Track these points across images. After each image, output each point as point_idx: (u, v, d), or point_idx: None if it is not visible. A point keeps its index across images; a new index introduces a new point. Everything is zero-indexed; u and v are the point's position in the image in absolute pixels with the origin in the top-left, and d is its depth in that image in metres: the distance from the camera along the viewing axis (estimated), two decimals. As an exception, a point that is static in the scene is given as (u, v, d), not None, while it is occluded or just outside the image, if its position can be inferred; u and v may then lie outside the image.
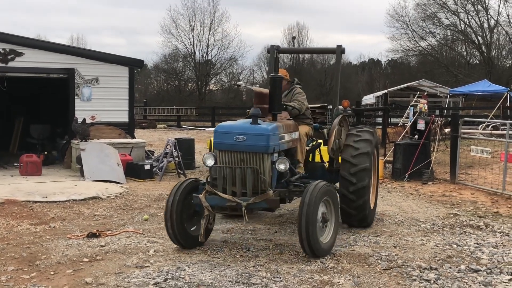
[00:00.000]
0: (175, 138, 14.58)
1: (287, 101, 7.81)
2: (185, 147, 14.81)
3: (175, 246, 6.83)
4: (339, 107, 8.24)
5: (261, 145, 6.33)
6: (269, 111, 6.87)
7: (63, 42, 50.67)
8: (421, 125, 13.81)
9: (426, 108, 16.35)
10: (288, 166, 6.48)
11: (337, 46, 8.30)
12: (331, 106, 9.00)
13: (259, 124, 6.46)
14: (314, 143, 8.62)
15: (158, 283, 5.39)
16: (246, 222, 6.47)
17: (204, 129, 32.81)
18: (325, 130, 8.28)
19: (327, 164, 8.74)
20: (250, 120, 6.55)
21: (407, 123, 17.63)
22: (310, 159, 8.55)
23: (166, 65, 53.99)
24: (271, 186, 6.37)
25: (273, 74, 7.04)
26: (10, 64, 14.05)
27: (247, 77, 57.79)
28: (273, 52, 8.48)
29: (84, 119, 14.02)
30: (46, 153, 14.91)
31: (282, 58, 55.79)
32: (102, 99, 14.89)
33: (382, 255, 6.54)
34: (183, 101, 46.51)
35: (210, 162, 6.53)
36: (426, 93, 26.35)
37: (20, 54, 14.16)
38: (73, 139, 14.12)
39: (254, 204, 6.20)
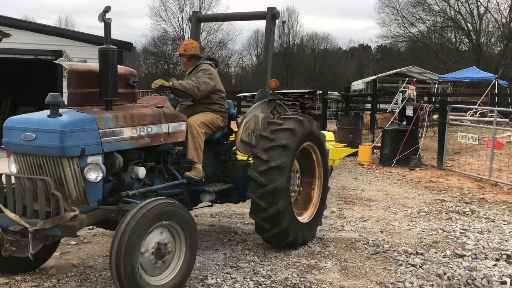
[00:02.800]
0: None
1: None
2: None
3: (163, 229, 6.83)
4: (264, 90, 6.52)
5: (53, 146, 4.43)
6: (100, 96, 4.88)
7: (51, 23, 50.14)
8: (409, 111, 13.87)
9: (414, 94, 16.43)
10: (102, 175, 4.53)
11: (268, 8, 6.49)
12: (320, 92, 8.80)
13: (58, 116, 4.54)
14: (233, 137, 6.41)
15: (146, 266, 5.39)
16: (31, 255, 4.36)
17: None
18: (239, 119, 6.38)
19: None
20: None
21: (396, 109, 17.69)
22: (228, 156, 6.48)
23: (155, 48, 53.65)
24: (83, 203, 4.57)
25: (103, 46, 4.88)
26: (-3, 45, 13.90)
27: (236, 61, 57.64)
28: (194, 19, 6.99)
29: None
30: (33, 135, 14.78)
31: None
32: (90, 82, 14.76)
33: (369, 240, 6.59)
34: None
35: (14, 167, 4.78)
36: (415, 79, 26.46)
37: (7, 35, 14.01)
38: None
39: (44, 230, 4.32)
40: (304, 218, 6.35)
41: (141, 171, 5.01)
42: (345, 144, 10.40)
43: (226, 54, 55.80)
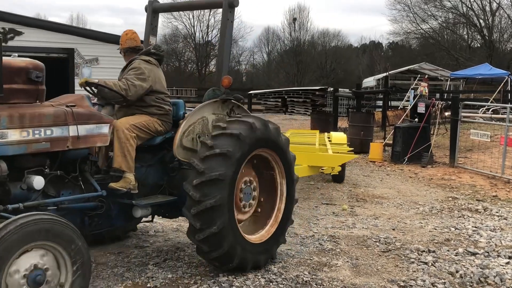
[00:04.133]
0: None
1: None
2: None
3: (174, 226, 6.86)
4: (216, 88, 5.58)
5: None
6: None
7: (63, 21, 50.51)
8: (421, 108, 13.80)
9: (426, 91, 16.35)
10: None
11: None
12: (331, 89, 8.61)
13: None
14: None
15: (158, 263, 5.42)
16: None
17: (204, 111, 32.77)
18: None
19: (331, 169, 9.09)
20: None
21: (407, 106, 17.62)
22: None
23: (166, 45, 53.77)
24: None
25: None
26: (10, 43, 13.97)
27: (247, 58, 57.66)
28: (150, 9, 6.27)
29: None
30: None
31: (283, 40, 55.67)
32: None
33: (381, 238, 6.57)
34: (183, 82, 46.41)
35: None
36: (426, 76, 26.28)
37: (19, 33, 14.08)
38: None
39: None
40: (261, 236, 5.37)
41: (37, 181, 4.19)
42: (352, 149, 10.15)
43: (237, 52, 55.92)
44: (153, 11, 6.25)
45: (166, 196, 5.24)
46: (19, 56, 4.52)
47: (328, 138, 11.44)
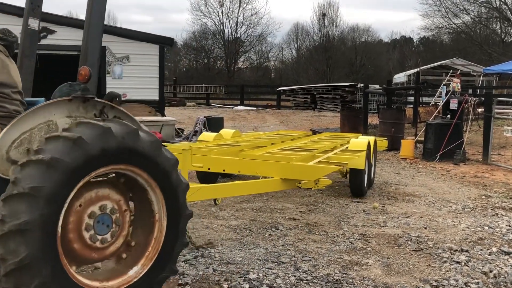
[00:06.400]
0: (205, 116, 14.65)
1: None
2: (215, 125, 14.88)
3: (204, 224, 6.90)
4: (74, 83, 4.42)
5: None
6: None
7: (94, 19, 51.04)
8: (453, 105, 13.61)
9: (459, 87, 16.07)
10: None
11: None
12: (361, 85, 8.19)
13: None
14: None
15: (189, 260, 5.47)
16: None
17: (233, 107, 32.92)
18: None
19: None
20: None
21: (439, 102, 17.37)
22: None
23: (195, 42, 54.13)
24: None
25: None
26: (43, 41, 14.15)
27: (276, 55, 57.58)
28: None
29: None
30: (77, 130, 15.12)
31: (312, 36, 55.44)
32: (133, 77, 15.04)
33: (412, 236, 6.50)
34: (212, 79, 46.64)
35: None
36: (459, 71, 25.87)
37: (52, 32, 14.19)
38: (104, 117, 14.31)
39: None
40: (129, 278, 3.98)
41: None
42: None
43: (266, 48, 55.92)
44: None
45: None
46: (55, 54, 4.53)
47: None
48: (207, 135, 10.05)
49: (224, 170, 7.52)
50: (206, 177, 8.72)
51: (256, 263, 5.43)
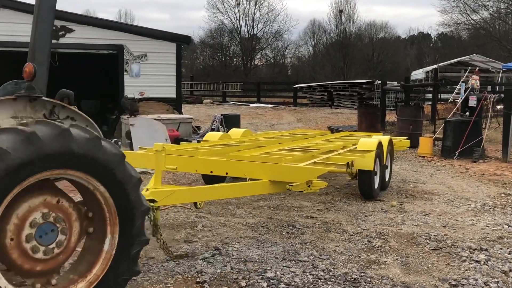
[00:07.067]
0: (222, 114, 14.68)
1: None
2: (232, 123, 14.90)
3: (222, 221, 6.92)
4: (19, 81, 4.11)
5: None
6: None
7: (111, 17, 51.47)
8: (472, 102, 13.48)
9: (478, 84, 15.90)
10: None
11: None
12: (379, 82, 7.89)
13: None
14: None
15: (207, 258, 5.48)
16: None
17: (249, 105, 32.91)
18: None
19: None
20: None
21: (458, 99, 17.21)
22: None
23: (212, 40, 54.22)
24: None
25: None
26: (61, 40, 14.35)
27: (292, 51, 57.48)
28: None
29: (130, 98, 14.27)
30: (96, 128, 15.23)
31: (329, 32, 55.25)
32: (151, 75, 15.11)
33: (431, 235, 6.45)
34: (228, 76, 46.67)
35: None
36: (478, 68, 25.58)
37: (70, 31, 14.44)
38: (122, 115, 14.41)
39: None
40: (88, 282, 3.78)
41: None
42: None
43: (282, 45, 55.84)
44: None
45: None
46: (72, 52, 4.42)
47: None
48: (212, 135, 9.61)
49: (211, 172, 6.84)
50: (211, 181, 7.88)
51: (274, 261, 5.44)
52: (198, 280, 4.90)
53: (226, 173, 6.71)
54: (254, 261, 5.39)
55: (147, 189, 5.29)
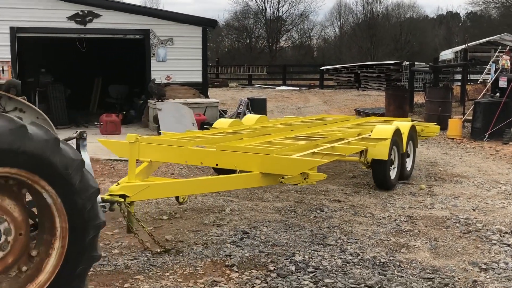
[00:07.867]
0: (248, 98, 14.68)
1: None
2: (258, 107, 14.91)
3: (249, 205, 6.96)
4: None
5: None
6: None
7: (137, 2, 51.57)
8: (503, 83, 13.24)
9: (508, 64, 15.58)
10: None
11: None
12: (407, 63, 7.50)
13: None
14: None
15: (235, 241, 5.53)
16: None
17: (275, 88, 32.80)
18: None
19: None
20: None
21: (488, 80, 16.91)
22: None
23: (237, 22, 53.99)
24: None
25: None
26: (88, 25, 14.47)
27: (318, 33, 56.96)
28: None
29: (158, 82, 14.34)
30: (124, 112, 15.43)
31: (355, 13, 54.58)
32: (177, 60, 15.16)
33: (460, 218, 6.39)
34: (254, 59, 46.52)
35: None
36: (508, 48, 25.04)
37: (97, 16, 14.54)
38: (149, 99, 14.52)
39: None
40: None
41: None
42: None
43: (308, 26, 55.34)
44: None
45: None
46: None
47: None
48: (222, 122, 8.99)
49: (201, 163, 6.41)
50: (221, 174, 7.08)
51: (302, 245, 5.45)
52: (227, 263, 4.95)
53: (216, 164, 6.17)
54: (282, 245, 5.42)
55: (118, 183, 5.11)
